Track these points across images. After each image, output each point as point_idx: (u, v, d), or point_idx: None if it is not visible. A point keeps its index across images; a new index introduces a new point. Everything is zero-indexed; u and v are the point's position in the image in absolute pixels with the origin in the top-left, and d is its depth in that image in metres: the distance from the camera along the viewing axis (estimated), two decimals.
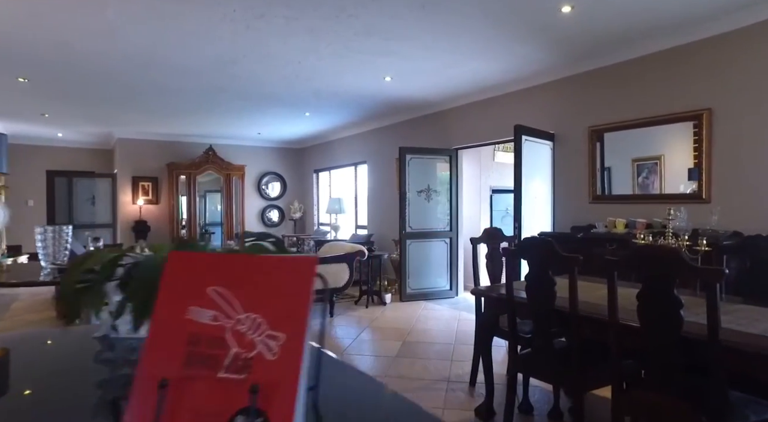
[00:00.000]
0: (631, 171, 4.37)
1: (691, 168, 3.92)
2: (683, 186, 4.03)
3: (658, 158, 4.20)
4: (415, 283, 6.26)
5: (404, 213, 6.18)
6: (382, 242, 7.90)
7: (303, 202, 10.61)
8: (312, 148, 10.37)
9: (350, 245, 5.44)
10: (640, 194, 4.28)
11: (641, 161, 4.30)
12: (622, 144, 4.43)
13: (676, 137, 4.08)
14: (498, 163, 7.63)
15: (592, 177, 4.60)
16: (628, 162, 4.39)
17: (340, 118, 7.63)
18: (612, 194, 4.49)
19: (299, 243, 8.81)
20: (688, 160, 3.95)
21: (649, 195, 4.21)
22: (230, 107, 6.65)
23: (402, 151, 6.17)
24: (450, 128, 6.49)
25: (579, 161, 4.74)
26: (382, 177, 7.99)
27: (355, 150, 8.79)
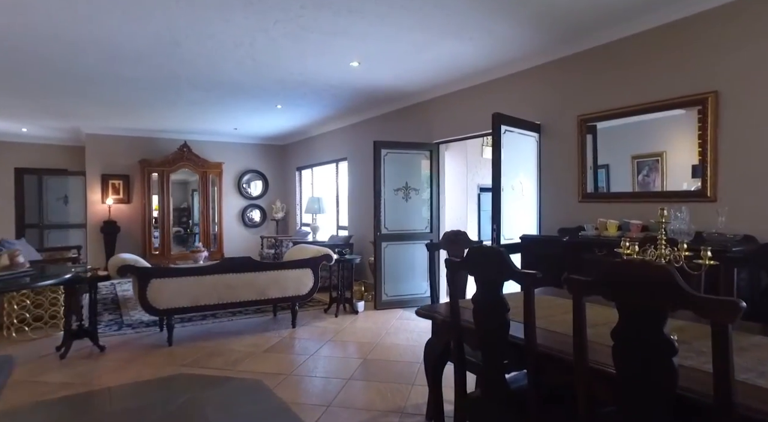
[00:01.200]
0: (631, 169, 3.83)
1: (696, 164, 3.37)
2: (686, 183, 3.48)
3: (659, 155, 3.66)
4: (391, 289, 5.73)
5: (379, 212, 5.65)
6: (362, 244, 7.38)
7: (285, 201, 10.10)
8: (294, 145, 9.86)
9: (315, 248, 4.93)
10: (635, 192, 3.73)
11: (642, 158, 3.75)
12: (621, 141, 3.89)
13: (679, 131, 3.53)
14: (486, 160, 7.09)
15: (581, 172, 4.05)
16: (627, 159, 3.84)
17: (316, 112, 7.11)
18: (605, 192, 3.94)
19: (277, 245, 8.31)
20: (693, 156, 3.39)
21: (646, 192, 3.66)
22: (193, 98, 6.14)
23: (377, 146, 5.64)
24: (430, 121, 5.96)
25: (567, 155, 4.20)
26: (362, 174, 7.46)
27: (335, 146, 8.27)
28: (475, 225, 6.97)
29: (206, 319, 4.99)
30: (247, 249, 9.63)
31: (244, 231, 9.85)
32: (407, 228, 5.84)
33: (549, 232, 4.32)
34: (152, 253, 8.44)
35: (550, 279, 2.39)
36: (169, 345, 4.09)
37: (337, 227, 8.47)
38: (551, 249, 3.79)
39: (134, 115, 7.31)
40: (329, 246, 7.00)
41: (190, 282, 4.15)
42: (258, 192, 10.12)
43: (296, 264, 4.73)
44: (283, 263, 4.72)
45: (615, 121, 3.85)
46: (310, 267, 4.79)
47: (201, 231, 9.02)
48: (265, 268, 4.54)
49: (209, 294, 4.22)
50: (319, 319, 5.15)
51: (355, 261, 5.39)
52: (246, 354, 3.91)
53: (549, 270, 3.83)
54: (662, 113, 3.56)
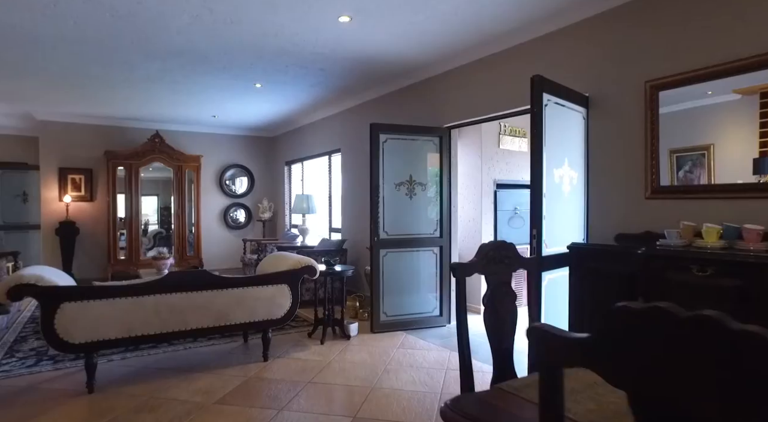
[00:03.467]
0: (669, 163, 2.89)
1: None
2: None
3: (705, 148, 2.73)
4: (392, 307, 4.65)
5: (377, 213, 4.57)
6: (357, 250, 6.30)
7: (274, 199, 9.03)
8: (283, 137, 8.78)
9: (295, 258, 3.85)
10: (751, 184, 2.62)
11: (682, 152, 2.83)
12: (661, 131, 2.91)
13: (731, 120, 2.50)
14: (503, 151, 6.01)
15: (651, 158, 2.97)
16: (664, 153, 2.90)
17: (304, 94, 6.03)
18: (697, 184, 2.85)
19: (261, 250, 7.23)
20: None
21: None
22: (150, 72, 5.06)
23: (374, 130, 4.57)
24: (440, 100, 4.88)
25: (628, 135, 3.12)
26: (357, 168, 6.39)
27: (327, 136, 7.19)
28: (491, 229, 5.88)
29: (154, 347, 3.91)
30: (230, 254, 8.57)
31: (226, 233, 8.78)
32: (411, 232, 4.76)
33: (599, 240, 3.24)
34: (118, 259, 7.37)
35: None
36: (88, 392, 3.01)
37: (329, 229, 7.40)
38: (616, 264, 2.72)
39: (93, 99, 6.24)
40: (318, 252, 5.93)
41: (122, 305, 3.07)
42: (243, 189, 9.05)
43: (268, 279, 3.65)
44: (251, 278, 3.64)
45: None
46: (286, 283, 3.71)
47: (176, 233, 7.94)
48: (226, 285, 3.46)
49: (148, 321, 3.14)
50: (300, 347, 4.07)
51: (347, 273, 4.32)
52: (190, 409, 2.83)
53: (612, 296, 2.73)
54: (712, 99, 2.62)
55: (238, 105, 6.68)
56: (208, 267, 8.11)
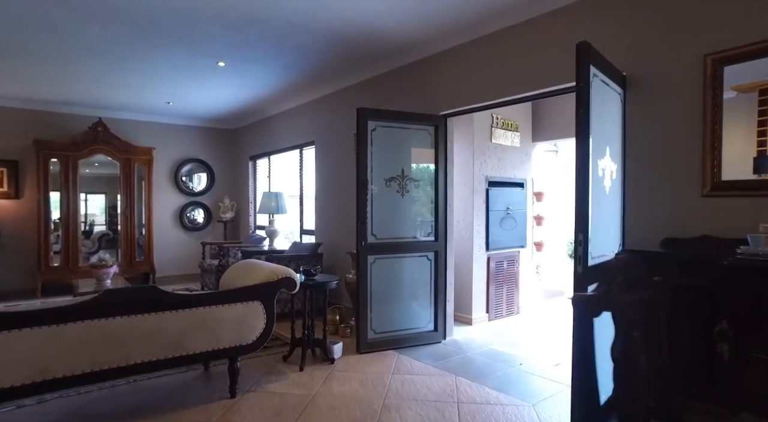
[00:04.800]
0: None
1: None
2: None
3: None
4: (381, 323, 4.00)
5: (365, 213, 3.90)
6: (334, 254, 5.61)
7: (236, 198, 8.17)
8: (247, 129, 7.94)
9: (269, 268, 3.13)
10: None
11: None
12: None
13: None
14: (496, 146, 5.49)
15: (712, 147, 2.47)
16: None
17: (275, 77, 5.27)
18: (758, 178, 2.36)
19: (222, 254, 6.39)
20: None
21: None
22: (88, 41, 4.17)
23: (362, 116, 3.90)
24: (435, 85, 4.27)
25: (680, 119, 2.62)
26: (335, 163, 5.70)
27: (300, 127, 6.45)
28: (483, 231, 5.34)
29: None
30: (187, 259, 7.65)
31: (182, 235, 7.84)
32: (403, 236, 4.13)
33: (638, 245, 2.72)
34: (50, 266, 6.33)
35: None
36: None
37: (301, 231, 6.66)
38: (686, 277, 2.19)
39: (15, 76, 5.23)
40: (290, 258, 5.19)
41: (32, 338, 2.26)
42: (201, 186, 8.13)
43: (237, 295, 2.92)
44: (215, 295, 2.89)
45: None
46: (259, 300, 2.99)
47: (123, 235, 6.95)
48: (183, 304, 2.70)
49: (72, 357, 2.35)
50: (275, 376, 3.34)
51: (331, 285, 3.62)
52: None
53: (686, 318, 2.20)
54: None
55: (196, 89, 5.82)
56: (162, 273, 7.18)
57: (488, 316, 5.30)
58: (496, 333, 4.72)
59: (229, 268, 3.47)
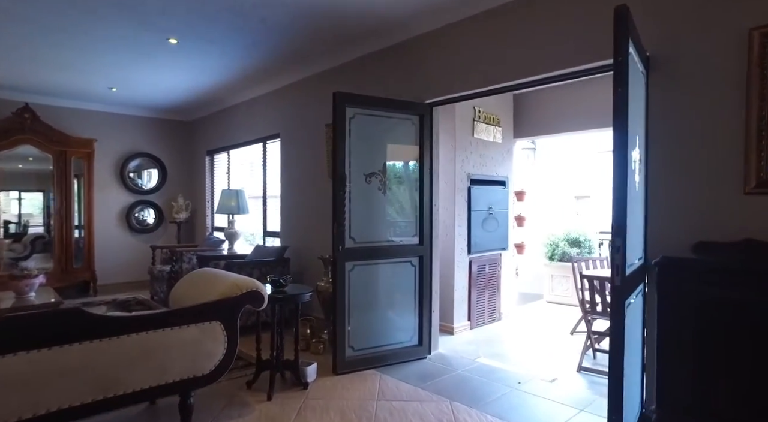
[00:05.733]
0: None
1: None
2: None
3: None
4: (360, 339, 3.51)
5: (342, 213, 3.40)
6: (302, 259, 5.07)
7: (192, 197, 7.44)
8: (205, 121, 7.24)
9: (231, 280, 2.57)
10: None
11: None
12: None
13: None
14: (478, 141, 5.13)
15: (758, 137, 2.14)
16: None
17: (236, 59, 4.66)
18: None
19: (175, 259, 5.70)
20: None
21: None
22: (2, 4, 3.45)
23: (339, 101, 3.40)
24: (422, 69, 3.82)
25: (716, 106, 2.28)
26: (304, 157, 5.15)
27: (263, 118, 5.85)
28: (464, 232, 4.95)
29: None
30: (134, 264, 6.87)
31: (129, 237, 7.04)
32: (385, 239, 3.66)
33: (666, 249, 2.37)
34: None
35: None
36: None
37: (265, 233, 6.05)
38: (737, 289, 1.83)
39: None
40: (253, 264, 4.61)
41: None
42: (152, 184, 7.35)
43: (191, 314, 2.35)
44: (159, 316, 2.31)
45: None
46: (219, 320, 2.43)
47: (57, 238, 6.11)
48: (118, 330, 2.11)
49: None
50: (238, 408, 2.79)
51: (304, 298, 3.09)
52: None
53: (743, 340, 1.84)
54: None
55: (144, 72, 5.12)
56: (104, 281, 6.39)
57: (470, 324, 4.92)
58: (481, 343, 4.35)
59: (181, 280, 2.88)
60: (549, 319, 5.50)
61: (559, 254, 6.23)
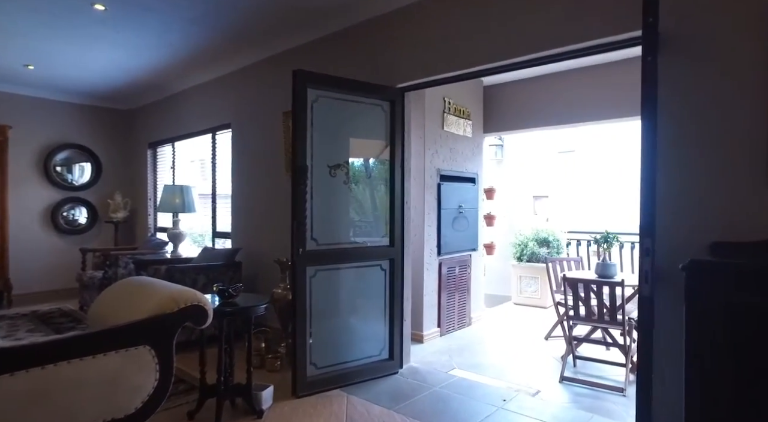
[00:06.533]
0: None
1: None
2: None
3: None
4: (324, 355, 3.07)
5: (303, 211, 2.95)
6: (257, 264, 4.56)
7: (131, 193, 6.69)
8: (147, 109, 6.52)
9: (167, 292, 2.07)
10: None
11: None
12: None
13: None
14: (448, 134, 4.81)
15: None
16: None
17: (178, 35, 4.07)
18: None
19: (110, 264, 5.00)
20: None
21: None
22: None
23: (300, 81, 2.94)
24: (393, 49, 3.42)
25: (732, 85, 2.02)
26: (258, 149, 4.63)
27: (212, 106, 5.27)
28: (434, 232, 4.61)
29: None
30: (60, 270, 6.06)
31: (56, 239, 6.21)
32: (351, 240, 3.24)
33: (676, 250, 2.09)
34: None
35: None
36: None
37: (214, 234, 5.46)
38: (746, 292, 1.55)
39: None
40: (199, 269, 4.06)
41: None
42: (84, 179, 6.54)
43: (108, 340, 1.83)
44: (65, 343, 1.77)
45: None
46: (149, 344, 1.92)
47: None
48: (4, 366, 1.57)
49: None
50: None
51: (259, 310, 2.61)
52: None
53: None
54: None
55: (67, 47, 4.41)
56: (22, 290, 5.57)
57: (440, 331, 4.59)
58: (453, 352, 4.03)
59: (104, 292, 2.33)
60: (520, 323, 5.26)
61: (528, 254, 6.03)
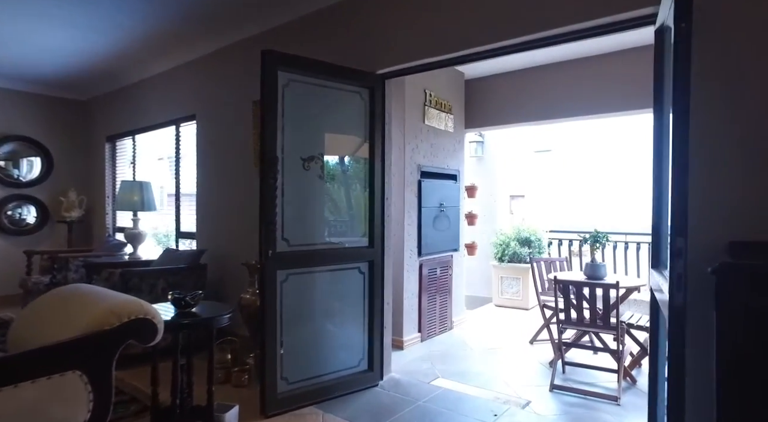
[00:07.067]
0: None
1: None
2: None
3: None
4: (296, 368, 2.76)
5: (273, 208, 2.63)
6: (224, 267, 4.21)
7: (88, 191, 6.19)
8: (104, 99, 6.04)
9: (106, 305, 1.73)
10: None
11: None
12: None
13: None
14: (429, 128, 4.57)
15: None
16: None
17: (136, 14, 3.67)
18: None
19: (60, 268, 4.54)
20: None
21: None
22: None
23: (269, 62, 2.62)
24: (373, 31, 3.14)
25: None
26: (226, 142, 4.28)
27: (176, 96, 4.88)
28: (414, 231, 4.36)
29: None
30: (8, 274, 5.52)
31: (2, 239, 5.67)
32: (327, 241, 2.94)
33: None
34: None
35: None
36: None
37: (178, 235, 5.06)
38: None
39: None
40: (159, 272, 3.68)
41: None
42: (33, 175, 6.00)
43: (26, 366, 1.48)
44: None
45: None
46: (80, 369, 1.58)
47: None
48: None
49: None
50: None
51: (221, 321, 2.28)
52: None
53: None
54: None
55: (7, 28, 3.95)
56: None
57: (421, 336, 4.35)
58: (436, 359, 3.79)
59: (29, 306, 1.96)
60: (503, 325, 5.06)
61: (510, 254, 5.85)
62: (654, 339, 1.91)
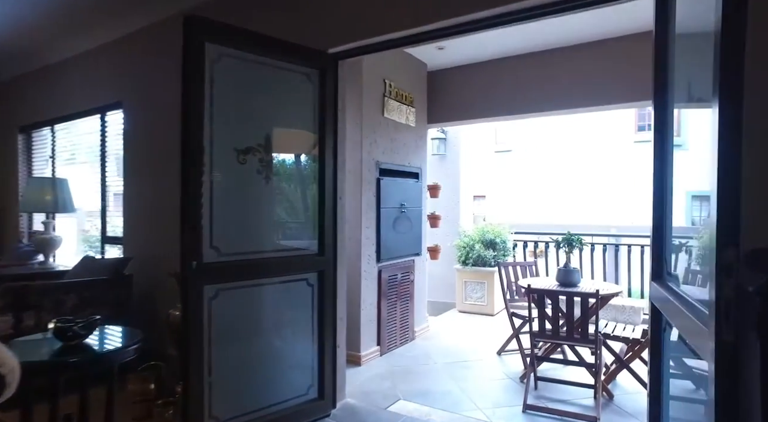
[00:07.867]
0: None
1: None
2: None
3: None
4: (229, 402, 2.28)
5: (197, 208, 2.15)
6: (153, 278, 3.64)
7: None
8: (16, 84, 5.26)
9: None
10: None
11: None
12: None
13: None
14: (388, 122, 4.18)
15: None
16: None
17: None
18: None
19: None
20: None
21: None
22: None
23: (195, 31, 2.13)
24: (323, 4, 2.70)
25: None
26: (157, 135, 3.71)
27: (99, 80, 4.24)
28: (372, 234, 3.96)
29: None
30: None
31: None
32: (268, 249, 2.47)
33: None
34: None
35: None
36: None
37: (103, 240, 4.41)
38: None
39: None
40: (69, 286, 3.09)
41: None
42: None
43: None
44: None
45: None
46: None
47: None
48: None
49: None
50: None
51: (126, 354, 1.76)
52: None
53: None
54: None
55: None
56: None
57: (380, 349, 3.95)
58: (397, 376, 3.42)
59: None
60: (467, 334, 4.74)
61: (474, 257, 5.55)
62: (656, 366, 1.58)
